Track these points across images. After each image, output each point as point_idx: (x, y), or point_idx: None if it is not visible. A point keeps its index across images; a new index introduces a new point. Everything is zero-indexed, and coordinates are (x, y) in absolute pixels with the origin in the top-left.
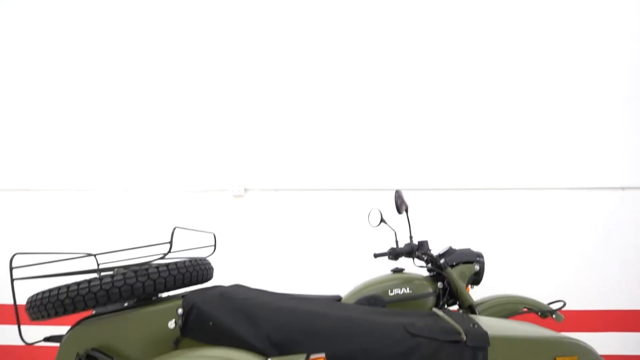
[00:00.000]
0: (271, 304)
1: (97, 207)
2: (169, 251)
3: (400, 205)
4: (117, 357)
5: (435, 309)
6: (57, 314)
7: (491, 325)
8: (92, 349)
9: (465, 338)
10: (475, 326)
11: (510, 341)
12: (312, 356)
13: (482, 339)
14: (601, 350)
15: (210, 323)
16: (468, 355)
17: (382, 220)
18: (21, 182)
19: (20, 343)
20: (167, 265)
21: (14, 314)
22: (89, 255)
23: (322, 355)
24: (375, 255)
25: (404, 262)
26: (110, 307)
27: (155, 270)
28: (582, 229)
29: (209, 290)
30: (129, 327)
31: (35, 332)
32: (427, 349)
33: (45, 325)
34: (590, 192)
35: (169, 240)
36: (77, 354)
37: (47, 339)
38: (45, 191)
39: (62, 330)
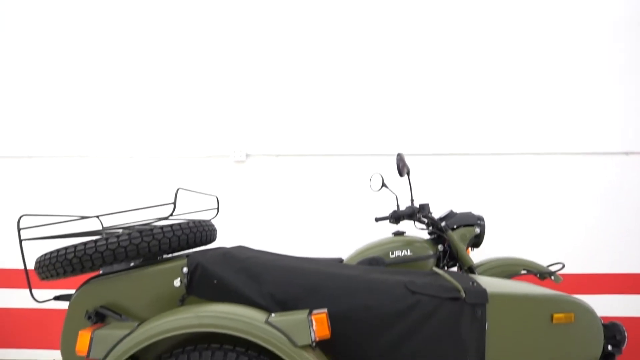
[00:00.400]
0: (274, 262)
1: (101, 173)
2: (173, 212)
3: (402, 168)
4: (125, 314)
5: (435, 268)
6: (65, 273)
7: (490, 283)
8: (101, 307)
9: (464, 295)
10: (475, 284)
11: (509, 298)
12: (315, 312)
13: (481, 296)
14: (601, 313)
15: (215, 281)
16: (467, 311)
17: (383, 185)
18: (25, 149)
19: (31, 306)
20: (171, 226)
21: (24, 276)
22: (94, 217)
23: (324, 311)
24: (377, 219)
25: (405, 226)
26: (116, 267)
27: (160, 230)
28: (584, 194)
29: (212, 251)
30: (136, 286)
31: (45, 295)
32: (427, 306)
33: (54, 289)
34: (594, 157)
35: (172, 201)
36: (87, 312)
37: (56, 298)
38: (48, 158)
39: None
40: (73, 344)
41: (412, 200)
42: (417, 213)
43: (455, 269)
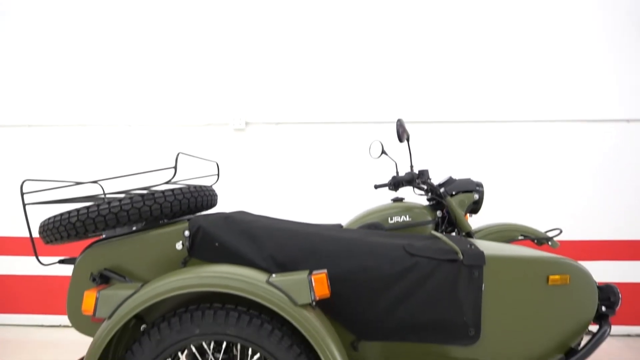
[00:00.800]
0: (274, 226)
1: (99, 142)
2: (174, 176)
3: (402, 134)
4: (128, 276)
5: (434, 232)
6: (69, 237)
7: (487, 246)
8: (105, 269)
9: (462, 257)
10: (472, 247)
11: (505, 260)
12: (314, 272)
13: (478, 258)
14: (599, 278)
15: (216, 244)
16: (464, 273)
17: (383, 152)
18: (23, 118)
19: (37, 273)
20: (172, 190)
21: (29, 244)
22: (95, 181)
23: (324, 271)
24: (376, 187)
25: (404, 193)
26: (119, 231)
27: (162, 194)
28: (584, 161)
29: (213, 215)
30: (139, 249)
31: (50, 261)
32: (425, 268)
33: (58, 256)
34: (594, 124)
35: (173, 166)
36: (91, 274)
37: (61, 262)
38: (48, 127)
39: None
40: (79, 305)
41: (411, 167)
42: (417, 179)
43: (453, 234)
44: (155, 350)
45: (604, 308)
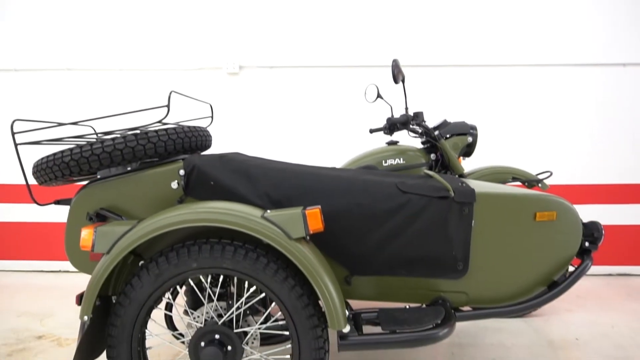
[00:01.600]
0: (269, 165)
1: (89, 87)
2: (167, 115)
3: (397, 75)
4: (125, 216)
5: (427, 171)
6: (63, 177)
7: (478, 185)
8: (101, 209)
9: (453, 194)
10: (464, 184)
11: (495, 197)
12: (308, 208)
13: (469, 195)
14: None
15: (211, 182)
16: (455, 210)
17: (378, 96)
18: (12, 62)
19: (35, 220)
20: (166, 130)
21: (25, 191)
22: (86, 121)
23: (318, 207)
24: (371, 131)
25: (399, 137)
26: (114, 172)
27: (155, 133)
28: (580, 105)
29: (208, 155)
30: (134, 188)
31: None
32: (417, 204)
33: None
34: (590, 68)
35: (166, 104)
36: (88, 213)
37: (57, 202)
38: (37, 71)
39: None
40: (77, 243)
41: (406, 109)
42: (411, 121)
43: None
44: (154, 284)
45: (587, 244)
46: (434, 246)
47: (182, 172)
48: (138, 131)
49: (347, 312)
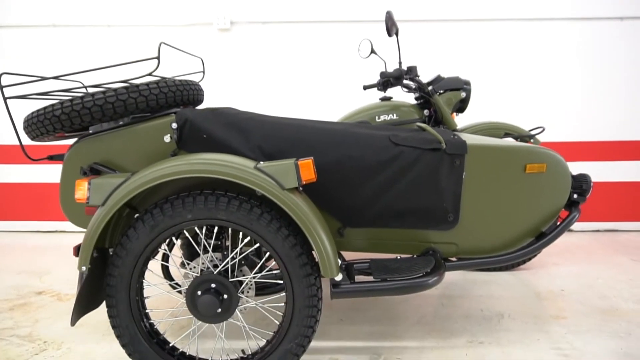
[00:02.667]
0: (262, 118)
1: (77, 43)
2: (157, 67)
3: (391, 27)
4: (118, 170)
5: (420, 124)
6: (54, 131)
7: (470, 137)
8: (94, 163)
9: (445, 146)
10: (455, 137)
11: (486, 149)
12: (300, 160)
13: (460, 147)
14: None
15: (204, 136)
16: (447, 161)
17: (372, 51)
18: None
19: (31, 180)
20: (157, 82)
21: (21, 152)
22: (75, 73)
23: (310, 159)
24: (365, 87)
25: (392, 93)
26: (106, 126)
27: (146, 86)
28: (576, 60)
29: (203, 109)
30: (127, 143)
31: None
32: (409, 157)
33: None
34: (587, 22)
35: (156, 56)
36: (81, 168)
37: (50, 157)
38: (24, 27)
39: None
40: (72, 198)
41: (399, 63)
42: (405, 75)
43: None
44: (150, 235)
45: (575, 195)
46: (425, 198)
47: (174, 125)
48: (128, 84)
49: (339, 262)
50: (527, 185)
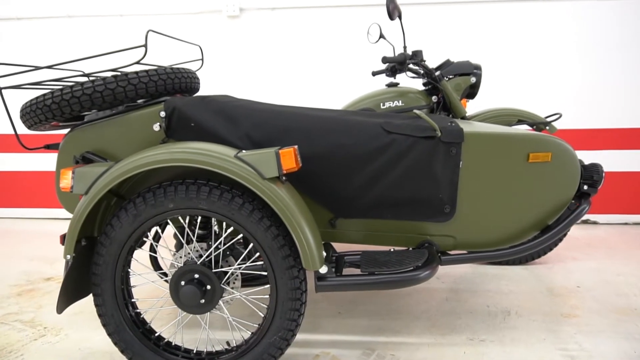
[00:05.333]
0: (252, 106)
1: (90, 33)
2: (144, 56)
3: (393, 11)
4: (110, 159)
5: (416, 111)
6: (47, 120)
7: (468, 124)
8: (87, 152)
9: (440, 134)
10: (452, 124)
11: (484, 137)
12: (282, 149)
13: (456, 135)
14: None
15: (192, 124)
16: (442, 150)
17: (381, 36)
18: (12, 10)
19: (30, 169)
20: (147, 71)
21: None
22: (65, 62)
23: (293, 147)
24: (374, 73)
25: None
26: (101, 115)
27: (135, 75)
28: (592, 44)
29: (192, 97)
30: (118, 131)
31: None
32: (402, 145)
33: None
34: (603, 2)
35: (143, 44)
36: (74, 157)
37: (47, 146)
38: (37, 19)
39: None
40: None
41: (404, 47)
42: (409, 59)
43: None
44: (133, 224)
45: (585, 187)
46: (420, 188)
47: (162, 113)
48: (118, 73)
49: (324, 253)
50: (530, 176)
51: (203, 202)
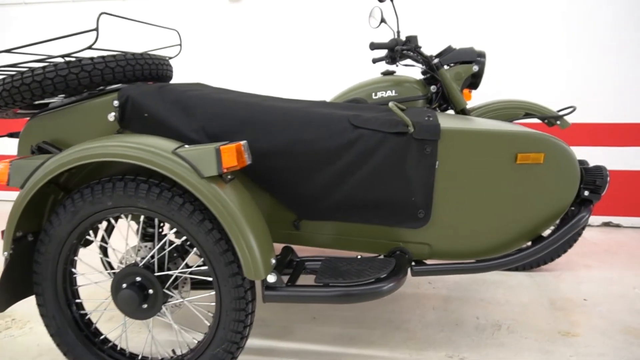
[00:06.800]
0: (212, 95)
1: (88, 17)
2: (96, 40)
3: None
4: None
5: (391, 103)
6: (5, 106)
7: (450, 120)
8: (44, 142)
9: (412, 130)
10: (430, 119)
11: (465, 134)
12: (224, 144)
13: (431, 131)
14: (617, 166)
15: (146, 114)
16: (415, 148)
17: (382, 20)
18: None
19: None
20: (103, 57)
21: None
22: (21, 47)
23: (238, 143)
24: (374, 60)
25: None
26: (59, 103)
27: (90, 61)
28: (608, 31)
29: (149, 85)
30: (74, 120)
31: None
32: (370, 141)
33: None
34: None
35: (94, 28)
36: (31, 147)
37: (10, 135)
38: (37, 4)
39: None
40: None
41: (398, 32)
42: (401, 45)
43: (450, 112)
44: (72, 221)
45: (587, 193)
46: (390, 190)
47: (116, 103)
48: (72, 59)
49: (273, 260)
50: (518, 179)
51: (142, 201)
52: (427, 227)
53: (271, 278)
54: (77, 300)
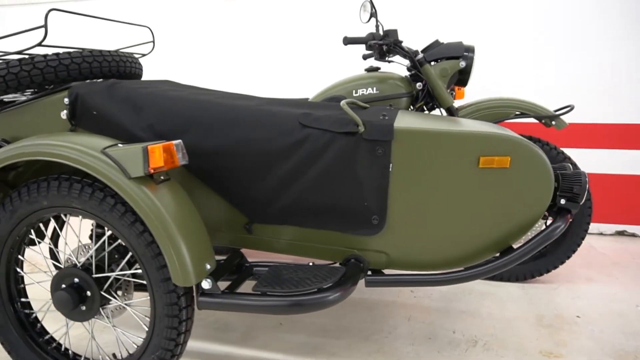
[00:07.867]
0: (164, 93)
1: (79, 16)
2: (44, 38)
3: None
4: None
5: (343, 102)
6: None
7: (413, 119)
8: (3, 140)
9: (362, 130)
10: (385, 118)
11: (422, 135)
12: (152, 144)
13: (384, 132)
14: (634, 170)
15: (94, 112)
16: (365, 148)
17: (372, 15)
18: None
19: None
20: (57, 54)
21: None
22: None
23: (170, 142)
24: (364, 57)
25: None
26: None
27: (43, 58)
28: (606, 26)
29: (101, 82)
30: (29, 118)
31: None
32: (317, 142)
33: None
34: None
35: (42, 25)
36: None
37: None
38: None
39: None
40: None
41: (376, 26)
42: (377, 41)
43: (437, 111)
44: (11, 221)
45: (563, 201)
46: (341, 194)
47: (66, 100)
48: (22, 56)
49: (208, 266)
50: (482, 185)
51: (75, 201)
52: (383, 235)
53: (205, 284)
54: (23, 300)
